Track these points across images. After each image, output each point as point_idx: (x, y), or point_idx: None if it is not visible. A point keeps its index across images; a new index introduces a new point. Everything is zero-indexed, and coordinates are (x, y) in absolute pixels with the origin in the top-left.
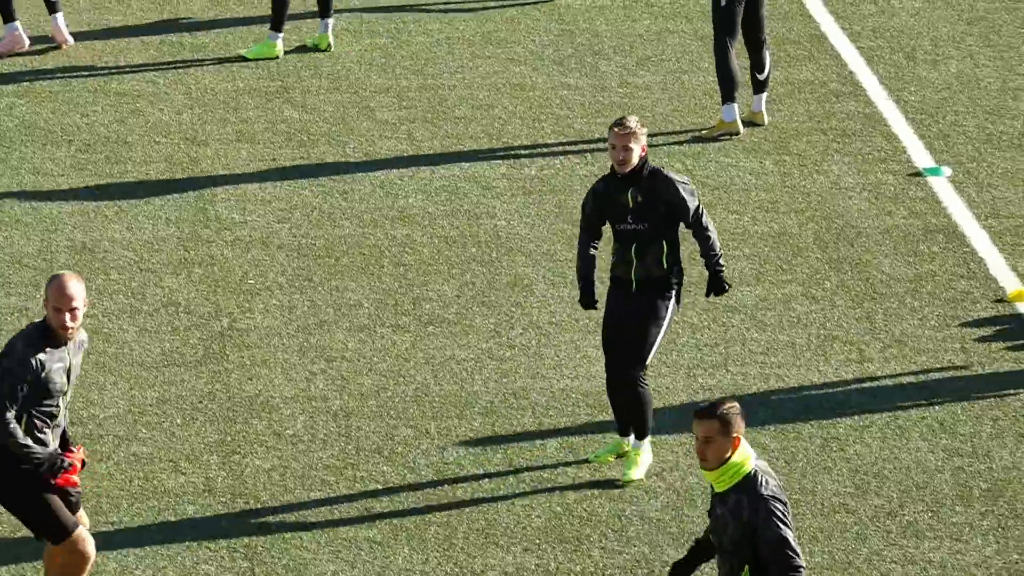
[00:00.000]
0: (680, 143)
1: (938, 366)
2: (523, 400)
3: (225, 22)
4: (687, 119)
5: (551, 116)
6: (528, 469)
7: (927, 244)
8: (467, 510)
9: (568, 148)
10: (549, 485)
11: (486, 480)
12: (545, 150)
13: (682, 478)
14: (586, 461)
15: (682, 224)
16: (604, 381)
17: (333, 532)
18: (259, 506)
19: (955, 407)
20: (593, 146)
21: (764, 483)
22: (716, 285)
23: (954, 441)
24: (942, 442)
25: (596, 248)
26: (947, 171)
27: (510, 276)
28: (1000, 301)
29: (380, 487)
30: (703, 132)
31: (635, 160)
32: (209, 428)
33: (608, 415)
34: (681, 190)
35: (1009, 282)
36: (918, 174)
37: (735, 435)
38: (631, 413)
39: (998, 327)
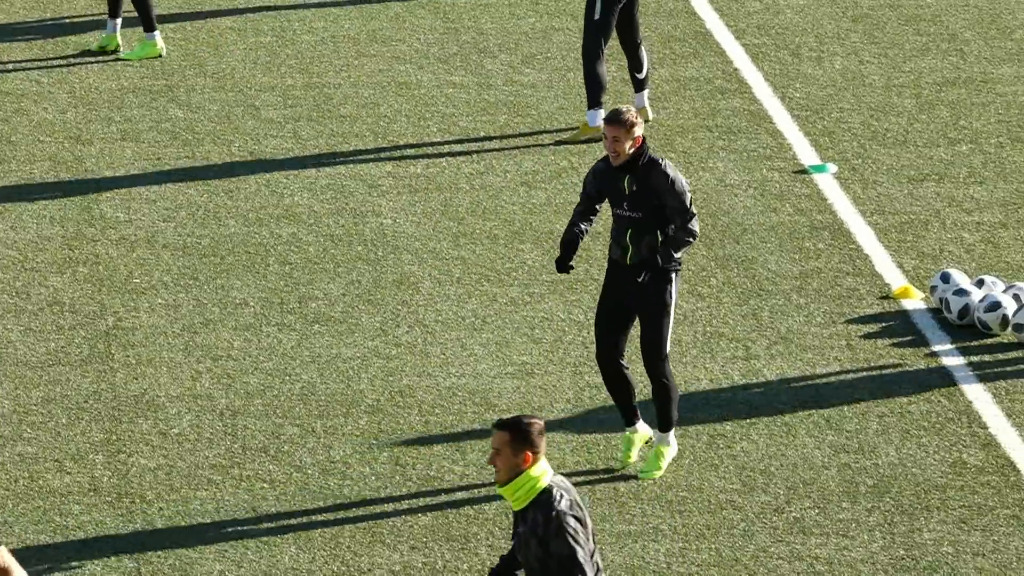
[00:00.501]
0: (564, 142)
1: (824, 363)
2: (409, 399)
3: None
4: (573, 116)
5: (437, 114)
6: (415, 467)
7: (813, 241)
8: (353, 508)
9: (454, 146)
10: (436, 483)
11: (372, 478)
12: (431, 148)
13: (568, 476)
14: (471, 461)
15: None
16: (491, 379)
17: (219, 531)
18: (145, 505)
19: (841, 404)
20: (479, 144)
21: (558, 499)
22: (662, 251)
23: (840, 438)
24: (828, 439)
25: (590, 223)
26: (832, 168)
27: (396, 274)
28: (885, 298)
29: (266, 486)
30: (566, 137)
31: (627, 151)
32: (95, 427)
33: (495, 413)
34: (672, 184)
35: (894, 279)
36: (803, 171)
37: (526, 451)
38: (655, 404)
39: (883, 324)
